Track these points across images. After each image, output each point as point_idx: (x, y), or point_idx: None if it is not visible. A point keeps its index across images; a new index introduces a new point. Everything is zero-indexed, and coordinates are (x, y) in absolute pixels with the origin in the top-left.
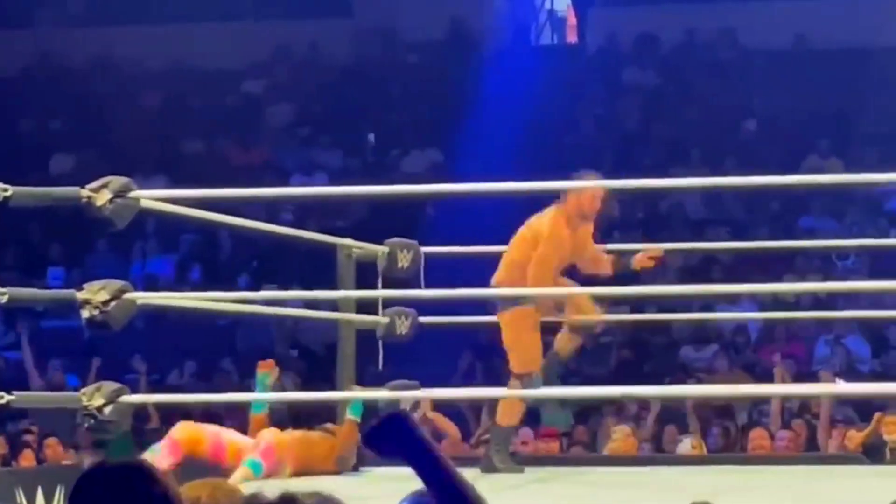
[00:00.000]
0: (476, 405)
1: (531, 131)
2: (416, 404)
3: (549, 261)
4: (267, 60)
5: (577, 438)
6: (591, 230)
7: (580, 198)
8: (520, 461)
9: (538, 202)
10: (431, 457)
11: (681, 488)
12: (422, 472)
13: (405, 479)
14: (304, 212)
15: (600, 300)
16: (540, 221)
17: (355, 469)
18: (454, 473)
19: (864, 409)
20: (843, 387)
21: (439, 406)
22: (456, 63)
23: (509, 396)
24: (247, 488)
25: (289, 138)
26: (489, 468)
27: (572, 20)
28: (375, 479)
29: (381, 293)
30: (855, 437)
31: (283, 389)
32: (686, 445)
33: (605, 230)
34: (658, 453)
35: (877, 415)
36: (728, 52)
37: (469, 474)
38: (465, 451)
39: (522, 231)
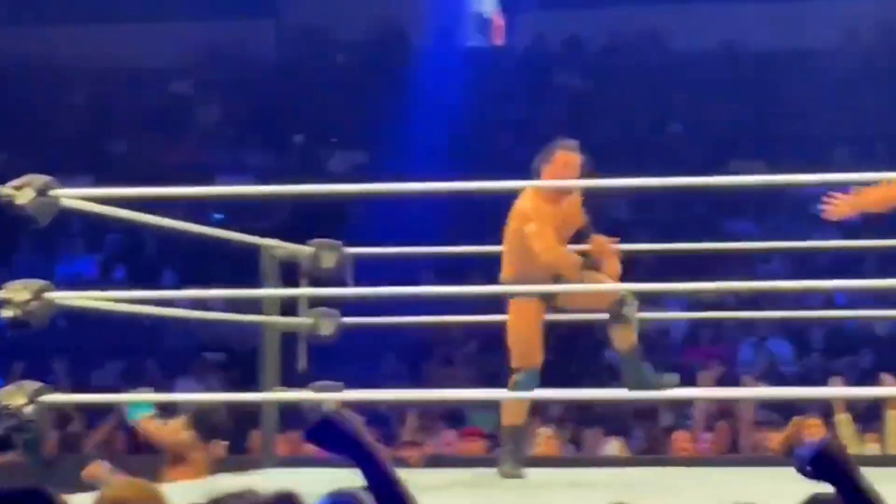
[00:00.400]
0: (399, 407)
1: (458, 133)
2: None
3: (547, 232)
4: (194, 60)
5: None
6: (579, 201)
7: (552, 169)
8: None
9: (463, 204)
10: (369, 454)
11: (603, 489)
12: (362, 469)
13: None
14: (232, 212)
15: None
16: (520, 205)
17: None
18: (390, 471)
19: (786, 411)
20: (766, 391)
21: (362, 407)
22: (383, 64)
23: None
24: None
25: (216, 138)
26: (502, 472)
27: (499, 22)
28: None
29: (304, 292)
30: (776, 438)
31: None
32: (613, 447)
33: None
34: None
35: (795, 419)
36: (654, 56)
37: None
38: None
39: (508, 223)
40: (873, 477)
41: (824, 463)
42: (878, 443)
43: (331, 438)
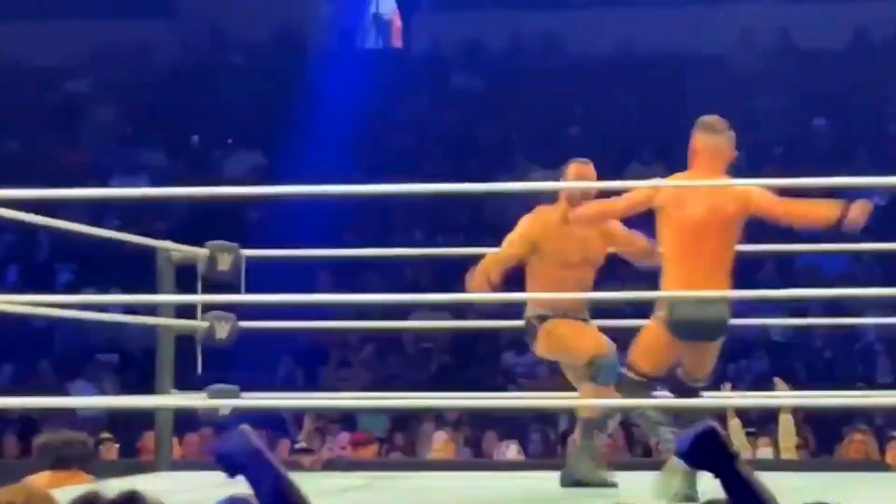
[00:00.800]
0: (297, 412)
1: (357, 135)
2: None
3: (511, 239)
4: (91, 59)
5: (396, 444)
6: (614, 232)
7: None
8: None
9: (362, 206)
10: (271, 473)
11: (499, 493)
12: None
13: None
14: (129, 213)
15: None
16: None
17: None
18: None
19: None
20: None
21: (259, 412)
22: (282, 65)
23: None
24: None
25: (112, 138)
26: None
27: (398, 24)
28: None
29: (201, 298)
30: None
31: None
32: (512, 451)
33: (428, 233)
34: (477, 458)
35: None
36: (552, 59)
37: None
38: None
39: None
40: (768, 482)
41: (701, 449)
42: (770, 447)
43: (236, 460)
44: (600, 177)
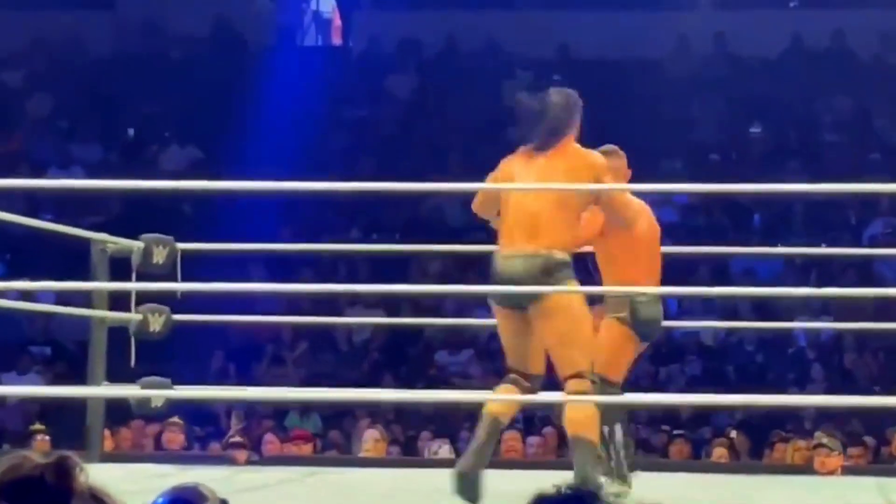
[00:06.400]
0: (228, 406)
1: (294, 132)
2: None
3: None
4: (25, 51)
5: (331, 441)
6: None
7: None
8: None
9: (298, 204)
10: None
11: (431, 491)
12: None
13: None
14: (63, 206)
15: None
16: None
17: None
18: None
19: None
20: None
21: (191, 405)
22: (220, 60)
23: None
24: None
25: (46, 130)
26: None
27: (337, 22)
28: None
29: (133, 286)
30: None
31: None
32: (445, 451)
33: (366, 232)
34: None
35: None
36: (490, 60)
37: (220, 473)
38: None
39: None
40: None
41: None
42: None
43: None
44: None
